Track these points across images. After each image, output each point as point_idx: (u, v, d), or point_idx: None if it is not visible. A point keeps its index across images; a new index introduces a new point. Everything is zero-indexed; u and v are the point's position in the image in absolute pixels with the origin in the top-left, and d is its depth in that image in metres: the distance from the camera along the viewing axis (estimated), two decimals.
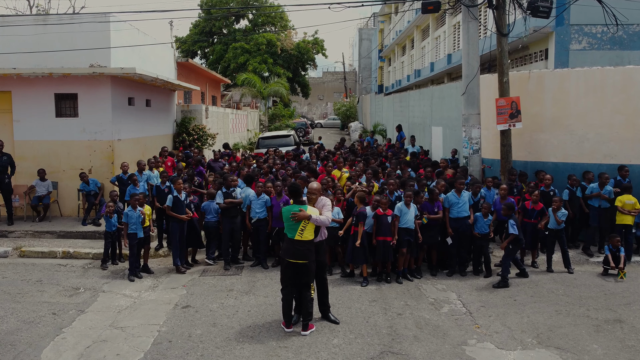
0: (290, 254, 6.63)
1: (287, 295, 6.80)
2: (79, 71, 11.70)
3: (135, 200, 9.19)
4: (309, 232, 6.62)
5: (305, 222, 6.54)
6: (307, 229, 6.60)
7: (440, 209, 9.16)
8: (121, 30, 13.21)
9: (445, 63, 23.04)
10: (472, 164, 11.05)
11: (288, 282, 6.75)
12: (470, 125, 11.00)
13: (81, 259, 10.27)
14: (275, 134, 21.77)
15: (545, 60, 13.77)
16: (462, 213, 9.19)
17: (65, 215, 12.48)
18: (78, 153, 12.31)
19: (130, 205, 9.22)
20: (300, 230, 6.57)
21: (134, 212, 9.14)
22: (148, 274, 9.34)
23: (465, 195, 9.28)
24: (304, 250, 6.60)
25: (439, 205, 9.15)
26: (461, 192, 9.26)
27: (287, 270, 6.73)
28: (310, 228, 6.60)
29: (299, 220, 6.54)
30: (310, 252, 6.65)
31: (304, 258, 6.59)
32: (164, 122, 16.68)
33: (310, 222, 6.54)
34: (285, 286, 6.79)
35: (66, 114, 12.35)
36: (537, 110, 11.37)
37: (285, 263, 6.71)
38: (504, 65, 10.89)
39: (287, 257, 6.66)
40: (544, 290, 8.32)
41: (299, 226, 6.57)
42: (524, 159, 11.61)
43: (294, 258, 6.60)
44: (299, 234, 6.57)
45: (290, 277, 6.71)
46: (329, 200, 7.69)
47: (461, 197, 9.25)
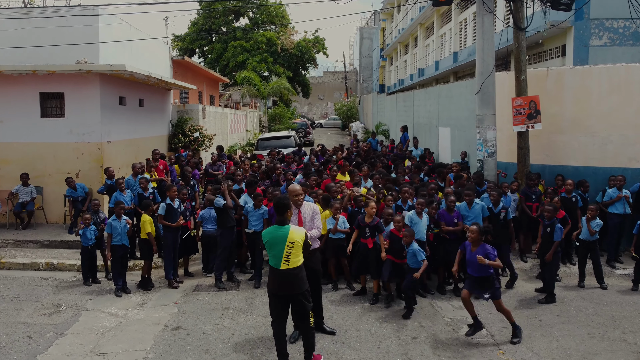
0: (277, 286, 5.53)
1: (278, 329, 5.66)
2: (65, 68, 10.94)
3: (120, 209, 8.40)
4: (296, 255, 5.49)
5: (290, 245, 5.44)
6: (293, 253, 5.47)
7: (460, 220, 8.20)
8: (111, 24, 12.44)
9: (451, 61, 22.28)
10: (487, 168, 10.27)
11: (278, 315, 5.64)
12: (485, 127, 10.22)
13: (65, 271, 9.50)
14: (275, 134, 20.98)
15: (562, 57, 13.00)
16: None
17: (52, 222, 11.71)
18: (65, 156, 11.55)
19: (115, 214, 8.41)
20: (286, 256, 5.44)
21: (118, 221, 8.36)
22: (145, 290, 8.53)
23: (477, 207, 8.23)
24: (294, 280, 5.49)
25: (458, 215, 8.19)
26: (472, 203, 8.23)
27: (276, 301, 5.61)
28: (298, 250, 5.49)
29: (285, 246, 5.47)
30: (302, 280, 5.57)
31: (295, 289, 5.51)
32: (158, 122, 15.91)
33: (296, 243, 5.45)
34: (275, 319, 5.66)
35: (52, 114, 11.58)
36: (555, 110, 10.61)
37: (274, 295, 5.61)
38: (521, 61, 10.13)
39: (275, 290, 5.56)
40: (571, 309, 7.55)
41: (282, 252, 5.43)
42: (541, 163, 10.85)
43: (284, 290, 5.53)
44: (284, 262, 5.44)
45: (281, 310, 5.64)
46: (317, 207, 6.93)
47: (472, 209, 8.22)
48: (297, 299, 5.56)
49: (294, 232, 5.48)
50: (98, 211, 9.12)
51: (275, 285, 5.55)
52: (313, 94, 47.22)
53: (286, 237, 5.43)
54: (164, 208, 8.48)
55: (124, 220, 8.42)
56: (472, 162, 12.95)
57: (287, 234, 5.44)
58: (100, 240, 8.96)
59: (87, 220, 8.72)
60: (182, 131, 16.89)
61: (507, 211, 8.38)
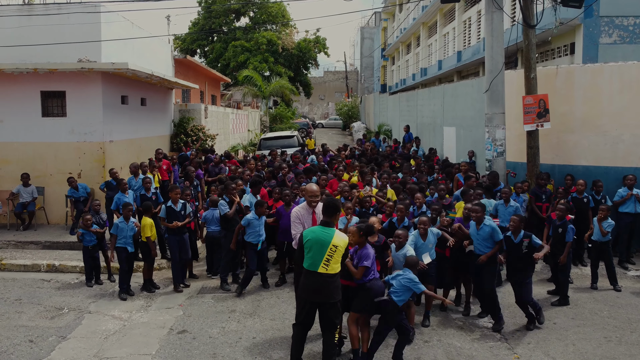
0: (312, 291, 5.27)
1: (299, 334, 5.50)
2: (67, 67, 10.75)
3: (128, 211, 8.18)
4: (336, 262, 5.25)
5: (333, 249, 5.20)
6: (334, 259, 5.21)
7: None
8: (113, 22, 12.25)
9: (454, 61, 22.10)
10: (496, 168, 10.09)
11: (304, 320, 5.44)
12: (494, 126, 10.05)
13: (67, 272, 9.31)
14: (278, 134, 20.78)
15: (571, 55, 12.83)
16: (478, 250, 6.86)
17: (53, 223, 11.53)
18: (66, 156, 11.37)
19: (123, 216, 8.19)
20: (326, 260, 5.18)
21: (125, 224, 8.15)
22: (149, 292, 8.35)
23: (486, 229, 6.76)
24: (331, 287, 5.25)
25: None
26: (481, 222, 6.81)
27: (305, 306, 5.39)
28: (339, 256, 5.24)
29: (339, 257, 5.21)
30: (337, 288, 5.31)
31: (330, 297, 5.26)
32: (160, 122, 15.73)
33: (339, 249, 5.22)
34: (300, 323, 5.49)
35: (53, 113, 11.40)
36: (565, 109, 10.44)
37: (304, 300, 5.39)
38: (531, 59, 9.96)
39: (308, 296, 5.29)
40: (586, 312, 7.37)
41: (324, 255, 5.18)
42: (550, 162, 10.68)
43: (319, 297, 5.25)
44: (323, 265, 5.18)
45: (308, 316, 5.41)
46: None
47: (481, 230, 6.83)
48: (328, 307, 5.30)
49: (339, 237, 5.27)
50: (99, 212, 8.95)
51: (309, 289, 5.30)
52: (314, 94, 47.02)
53: (330, 240, 5.21)
54: (164, 211, 8.28)
55: (132, 223, 8.13)
56: (479, 162, 12.78)
57: (331, 237, 5.22)
58: (102, 241, 8.78)
59: (88, 222, 8.54)
60: (184, 131, 16.71)
61: (531, 239, 6.66)
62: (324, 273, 5.20)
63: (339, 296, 5.34)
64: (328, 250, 5.18)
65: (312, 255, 5.26)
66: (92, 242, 8.54)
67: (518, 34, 10.67)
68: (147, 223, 8.39)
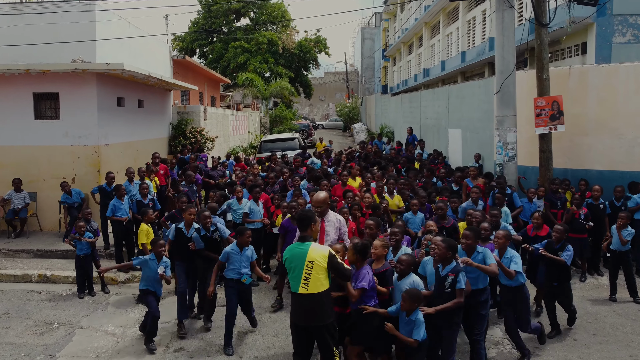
0: (296, 314, 4.79)
1: None
2: (60, 67, 10.33)
3: (160, 249, 6.49)
4: (317, 279, 4.64)
5: (310, 266, 4.63)
6: (313, 276, 4.62)
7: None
8: (108, 21, 11.83)
9: (458, 61, 21.69)
10: (508, 173, 9.69)
11: (299, 349, 4.92)
12: (505, 129, 9.64)
13: (60, 283, 8.89)
14: (279, 136, 20.36)
15: (582, 55, 12.42)
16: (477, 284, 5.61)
17: (46, 230, 11.10)
18: (60, 160, 10.94)
19: (154, 253, 6.55)
20: (304, 278, 4.63)
21: (156, 262, 6.48)
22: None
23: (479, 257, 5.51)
24: (315, 308, 4.67)
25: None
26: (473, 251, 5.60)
27: (296, 333, 4.89)
28: (319, 272, 4.65)
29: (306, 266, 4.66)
30: (325, 309, 4.71)
31: (315, 319, 4.71)
32: (158, 124, 15.31)
33: (316, 263, 4.65)
34: (296, 354, 4.98)
35: (46, 116, 10.98)
36: (578, 110, 10.04)
37: (292, 325, 4.91)
38: (543, 59, 9.55)
39: (294, 319, 4.83)
40: (607, 327, 6.96)
41: (301, 273, 4.64)
42: (563, 167, 10.27)
43: (302, 320, 4.76)
44: (302, 285, 4.64)
45: (302, 344, 4.88)
46: (343, 219, 6.37)
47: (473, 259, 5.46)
48: (318, 332, 4.76)
49: (315, 250, 4.71)
50: (90, 220, 8.53)
51: (294, 313, 4.84)
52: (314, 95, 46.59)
53: (305, 256, 4.69)
54: (173, 233, 7.02)
55: (164, 264, 6.47)
56: (486, 166, 12.37)
57: (306, 252, 4.70)
58: (94, 251, 8.39)
59: (81, 229, 8.13)
60: (183, 133, 16.29)
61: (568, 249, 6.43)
62: (305, 294, 4.66)
63: (330, 317, 4.77)
64: (305, 268, 4.65)
65: (292, 276, 4.79)
66: (85, 251, 8.13)
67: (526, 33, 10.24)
68: (143, 229, 7.97)
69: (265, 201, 9.00)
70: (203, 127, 17.08)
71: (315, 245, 4.80)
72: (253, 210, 8.69)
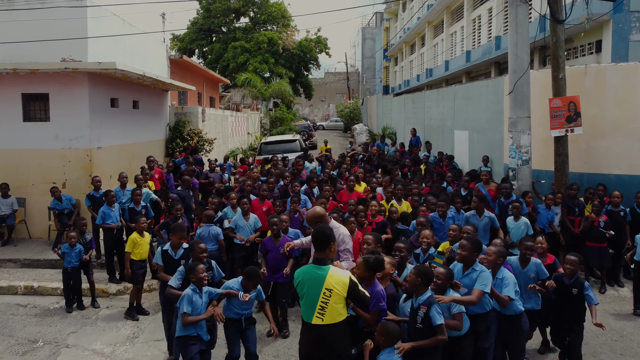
0: (307, 347, 4.18)
1: None
2: (49, 67, 9.83)
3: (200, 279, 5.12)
4: (334, 309, 4.05)
5: (327, 293, 4.03)
6: (330, 305, 4.04)
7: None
8: (101, 17, 11.31)
9: (463, 61, 21.19)
10: (521, 177, 9.16)
11: None
12: (519, 131, 9.12)
13: (47, 295, 8.39)
14: (279, 138, 19.82)
15: (596, 53, 11.91)
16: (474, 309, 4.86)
17: (35, 237, 10.59)
18: (50, 164, 10.43)
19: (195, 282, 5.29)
20: (320, 307, 4.05)
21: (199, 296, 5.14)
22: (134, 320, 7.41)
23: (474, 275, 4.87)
24: (330, 342, 4.07)
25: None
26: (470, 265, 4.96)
27: None
28: (338, 301, 4.06)
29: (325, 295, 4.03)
30: (342, 344, 4.11)
31: (332, 355, 4.09)
32: (154, 126, 14.81)
33: (334, 292, 4.04)
34: None
35: (36, 117, 10.49)
36: (595, 111, 9.53)
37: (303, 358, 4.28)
38: (559, 58, 9.03)
39: (305, 352, 4.21)
40: (634, 345, 6.45)
41: (317, 300, 4.05)
42: (579, 170, 9.76)
43: (318, 355, 4.12)
44: (317, 315, 4.05)
45: None
46: (345, 230, 5.61)
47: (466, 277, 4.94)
48: None
49: (334, 277, 4.08)
50: (84, 232, 7.98)
51: (306, 345, 4.20)
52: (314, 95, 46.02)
53: (323, 282, 4.06)
54: (159, 256, 6.06)
55: (208, 295, 5.18)
56: (495, 169, 11.86)
57: (324, 278, 4.07)
58: (87, 265, 7.83)
59: (72, 240, 7.60)
60: (180, 135, 15.78)
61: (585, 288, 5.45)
62: (320, 325, 4.06)
63: (347, 351, 4.18)
64: (321, 295, 4.04)
65: (305, 302, 4.19)
66: (73, 263, 7.60)
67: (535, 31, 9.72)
68: (130, 238, 7.44)
69: (268, 209, 8.46)
70: (201, 129, 16.57)
71: (335, 271, 4.14)
72: (239, 226, 7.78)
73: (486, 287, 4.72)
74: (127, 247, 7.27)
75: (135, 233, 7.33)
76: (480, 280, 4.76)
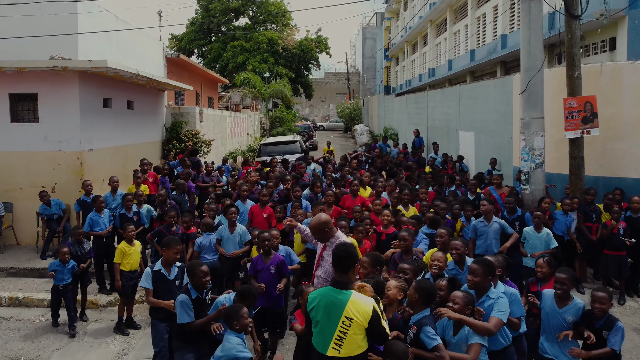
0: None
1: None
2: (37, 65, 9.34)
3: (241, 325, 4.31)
4: (353, 340, 3.57)
5: (347, 323, 3.54)
6: (349, 336, 3.56)
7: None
8: (92, 12, 10.82)
9: (467, 60, 20.70)
10: (535, 182, 8.68)
11: None
12: (532, 132, 8.64)
13: (33, 307, 7.91)
14: (279, 139, 19.32)
15: (610, 52, 11.44)
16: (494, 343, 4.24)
17: (23, 243, 10.10)
18: (39, 167, 9.95)
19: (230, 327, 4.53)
20: (338, 338, 3.56)
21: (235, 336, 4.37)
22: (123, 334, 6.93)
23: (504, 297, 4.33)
24: None
25: None
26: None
27: None
28: (358, 332, 3.57)
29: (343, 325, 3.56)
30: None
31: None
32: (150, 127, 14.32)
33: (355, 322, 3.55)
34: None
35: (24, 118, 10.00)
36: (612, 112, 9.06)
37: None
38: (574, 55, 8.57)
39: None
40: None
41: (334, 329, 3.57)
42: (594, 174, 9.29)
43: None
44: (333, 345, 3.57)
45: None
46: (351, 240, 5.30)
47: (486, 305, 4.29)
48: None
49: (356, 304, 3.58)
50: (82, 241, 7.36)
51: None
52: (315, 95, 45.53)
53: (342, 310, 3.57)
54: (147, 277, 5.22)
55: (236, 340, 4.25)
56: (503, 171, 11.38)
57: (344, 305, 3.58)
58: (84, 276, 7.26)
59: (64, 256, 6.90)
60: (177, 136, 15.29)
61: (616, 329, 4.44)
62: (336, 357, 3.58)
63: None
64: (340, 324, 3.55)
65: (319, 330, 3.67)
66: (65, 281, 6.95)
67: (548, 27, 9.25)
68: (119, 247, 6.95)
69: (269, 215, 7.97)
70: (199, 130, 16.07)
71: (358, 298, 3.64)
72: (224, 238, 7.00)
73: (505, 316, 4.13)
74: (116, 257, 6.78)
75: (124, 242, 6.85)
76: (497, 307, 4.15)
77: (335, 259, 3.78)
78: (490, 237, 7.00)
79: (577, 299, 4.65)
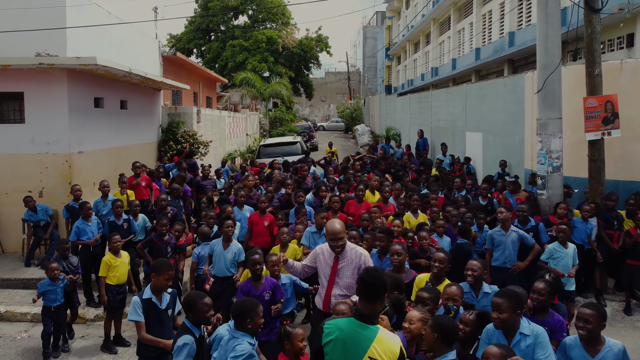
0: None
1: None
2: (22, 62, 8.81)
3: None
4: None
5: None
6: None
7: None
8: (82, 6, 10.26)
9: (472, 59, 20.19)
10: (552, 186, 8.14)
11: None
12: (549, 134, 8.10)
13: (15, 322, 7.38)
14: (279, 140, 18.78)
15: (627, 48, 10.92)
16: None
17: (10, 251, 9.57)
18: (25, 170, 9.42)
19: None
20: None
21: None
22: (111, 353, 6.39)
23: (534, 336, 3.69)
24: None
25: None
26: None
27: None
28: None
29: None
30: None
31: None
32: (145, 127, 13.79)
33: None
34: None
35: (9, 119, 9.48)
36: (632, 112, 8.53)
37: None
38: (595, 52, 8.02)
39: None
40: None
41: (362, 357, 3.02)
42: (613, 178, 8.75)
43: None
44: None
45: None
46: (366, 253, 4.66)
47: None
48: None
49: (384, 342, 3.05)
50: (68, 256, 6.73)
51: None
52: (315, 95, 44.98)
53: (367, 348, 3.03)
54: (137, 306, 4.51)
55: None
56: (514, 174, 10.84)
57: (369, 342, 3.03)
58: (73, 295, 6.64)
59: (54, 272, 6.17)
60: (174, 137, 14.75)
61: None
62: None
63: None
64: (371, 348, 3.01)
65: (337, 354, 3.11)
66: (58, 301, 6.27)
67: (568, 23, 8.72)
68: (105, 259, 6.40)
69: (270, 223, 7.41)
70: (196, 131, 15.53)
71: (385, 335, 3.09)
72: (217, 254, 6.24)
73: (551, 358, 3.47)
74: (101, 271, 6.23)
75: (110, 254, 6.31)
76: (540, 350, 3.47)
77: (363, 285, 3.16)
78: (509, 248, 6.44)
79: (609, 339, 3.72)
